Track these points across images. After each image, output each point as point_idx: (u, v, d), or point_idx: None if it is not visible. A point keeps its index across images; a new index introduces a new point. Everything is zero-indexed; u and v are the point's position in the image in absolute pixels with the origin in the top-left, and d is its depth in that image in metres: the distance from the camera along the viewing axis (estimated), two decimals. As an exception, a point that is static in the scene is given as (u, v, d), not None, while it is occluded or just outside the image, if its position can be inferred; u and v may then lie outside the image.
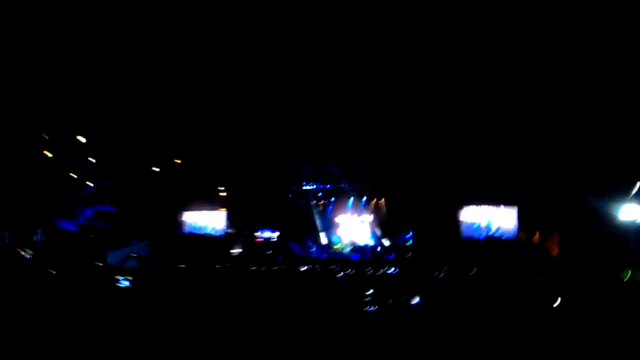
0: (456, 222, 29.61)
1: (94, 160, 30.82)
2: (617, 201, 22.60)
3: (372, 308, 10.32)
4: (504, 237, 29.10)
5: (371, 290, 11.30)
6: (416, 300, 13.95)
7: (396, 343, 8.28)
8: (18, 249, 24.77)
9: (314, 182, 34.48)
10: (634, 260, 22.36)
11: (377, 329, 9.33)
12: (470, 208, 29.86)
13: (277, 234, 33.22)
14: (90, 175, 31.30)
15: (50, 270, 16.63)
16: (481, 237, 29.41)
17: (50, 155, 28.53)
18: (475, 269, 22.01)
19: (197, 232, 34.36)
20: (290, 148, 30.21)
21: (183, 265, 21.69)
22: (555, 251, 27.16)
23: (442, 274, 21.23)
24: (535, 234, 28.01)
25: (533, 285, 18.05)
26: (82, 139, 28.81)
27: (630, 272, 19.57)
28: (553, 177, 25.33)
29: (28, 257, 24.54)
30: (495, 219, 29.60)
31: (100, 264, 23.80)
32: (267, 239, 33.17)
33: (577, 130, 23.80)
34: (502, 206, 29.43)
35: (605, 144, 23.12)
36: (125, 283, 13.11)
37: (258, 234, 33.24)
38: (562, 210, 25.72)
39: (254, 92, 27.33)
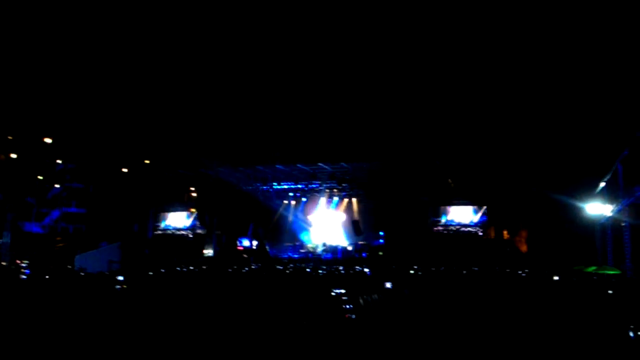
0: (427, 221, 29.90)
1: (60, 162, 30.41)
2: (582, 198, 23.19)
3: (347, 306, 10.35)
4: (473, 235, 29.52)
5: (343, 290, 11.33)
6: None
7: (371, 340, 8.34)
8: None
9: (286, 182, 34.47)
10: (599, 255, 23.02)
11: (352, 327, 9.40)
12: (441, 208, 30.22)
13: (255, 242, 33.01)
14: (57, 176, 30.92)
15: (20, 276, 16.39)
16: (451, 235, 29.75)
17: (14, 156, 27.86)
18: (442, 267, 22.37)
19: (168, 233, 34.13)
20: (262, 146, 29.81)
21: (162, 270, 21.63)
22: (523, 247, 27.71)
23: (413, 272, 21.43)
24: (504, 231, 28.53)
25: (504, 281, 18.41)
26: (49, 140, 28.06)
27: (595, 267, 20.13)
28: (521, 176, 25.79)
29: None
30: (465, 217, 30.01)
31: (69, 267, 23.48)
32: (248, 247, 32.97)
33: (543, 131, 24.29)
34: (471, 205, 29.84)
35: (570, 144, 23.65)
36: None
37: (238, 243, 33.09)
38: (530, 208, 26.25)
39: (224, 90, 27.23)
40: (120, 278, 14.96)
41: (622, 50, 20.67)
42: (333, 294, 10.90)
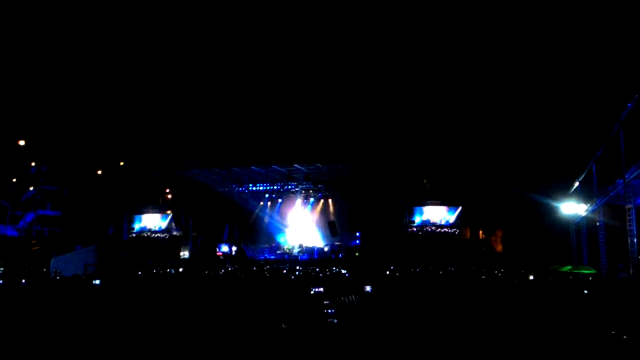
0: (403, 222, 29.91)
1: (34, 164, 30.02)
2: (557, 198, 23.35)
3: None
4: (449, 235, 29.62)
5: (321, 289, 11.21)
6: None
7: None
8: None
9: (261, 183, 34.16)
10: (575, 254, 23.22)
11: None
12: (416, 208, 30.27)
13: (234, 248, 32.71)
14: (31, 178, 30.57)
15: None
16: (427, 236, 29.81)
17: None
18: (418, 268, 22.40)
19: (143, 235, 33.82)
20: (237, 147, 29.43)
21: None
22: (499, 247, 27.88)
23: (389, 272, 21.38)
24: (479, 231, 28.68)
25: (480, 281, 18.46)
26: (22, 142, 27.54)
27: (571, 266, 20.29)
28: (496, 176, 25.92)
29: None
30: (440, 218, 30.09)
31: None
32: (227, 253, 32.60)
33: (518, 131, 24.46)
34: (447, 205, 29.93)
35: (545, 144, 23.84)
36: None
37: (217, 249, 32.72)
38: (505, 208, 26.41)
39: (199, 91, 27.01)
40: (97, 282, 14.84)
41: (594, 53, 20.91)
42: (312, 292, 10.85)
